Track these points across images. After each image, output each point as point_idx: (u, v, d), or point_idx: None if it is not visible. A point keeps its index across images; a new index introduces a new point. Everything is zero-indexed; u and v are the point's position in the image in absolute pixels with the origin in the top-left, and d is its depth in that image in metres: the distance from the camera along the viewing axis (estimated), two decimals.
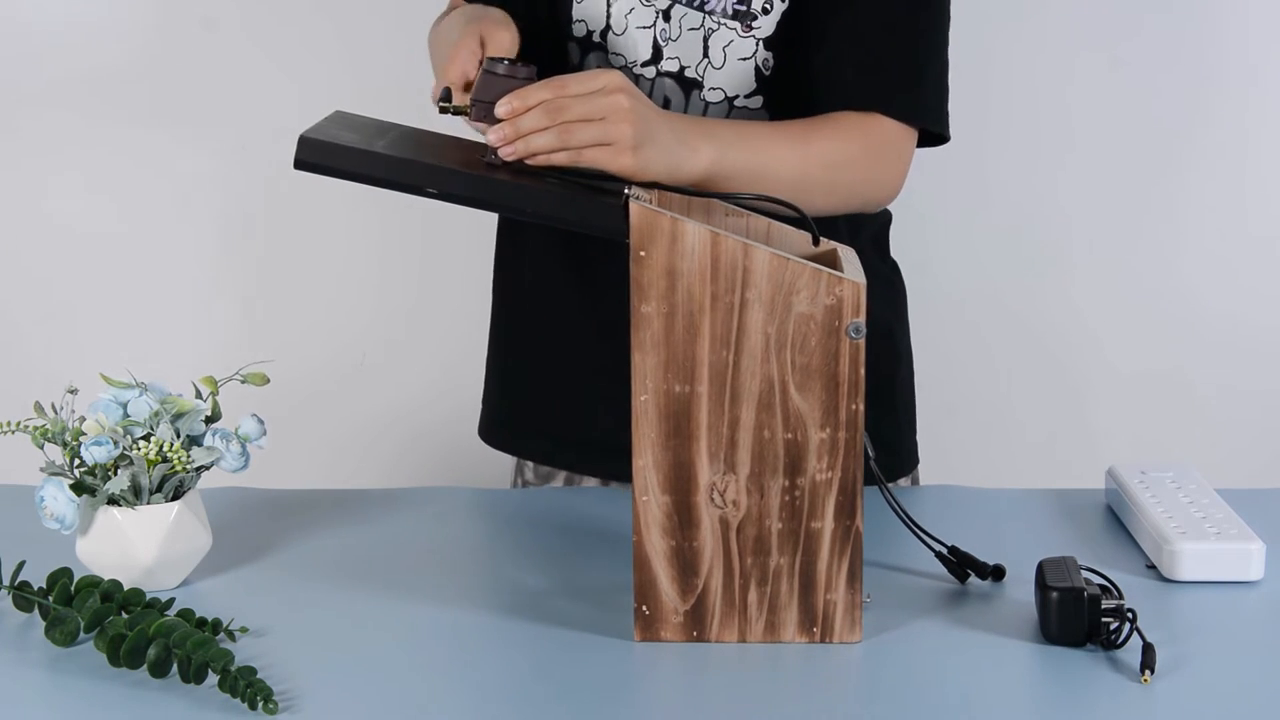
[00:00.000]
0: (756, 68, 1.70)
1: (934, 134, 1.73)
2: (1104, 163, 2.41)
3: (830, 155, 1.64)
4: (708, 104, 1.72)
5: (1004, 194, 2.42)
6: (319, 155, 1.41)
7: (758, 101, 1.72)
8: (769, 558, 1.39)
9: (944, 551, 1.54)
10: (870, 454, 1.43)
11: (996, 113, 2.38)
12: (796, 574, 1.39)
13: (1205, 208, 2.40)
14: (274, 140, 2.42)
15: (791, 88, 1.71)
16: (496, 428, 1.92)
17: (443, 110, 1.51)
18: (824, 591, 1.39)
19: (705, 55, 1.71)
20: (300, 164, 1.40)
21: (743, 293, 1.35)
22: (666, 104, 1.73)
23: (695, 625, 1.40)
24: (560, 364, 1.84)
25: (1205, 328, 2.43)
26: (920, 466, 1.94)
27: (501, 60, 1.47)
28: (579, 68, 1.74)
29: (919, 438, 1.93)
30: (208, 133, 2.45)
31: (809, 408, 1.36)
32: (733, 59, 1.70)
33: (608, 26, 1.73)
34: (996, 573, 1.53)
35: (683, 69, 1.72)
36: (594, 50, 1.74)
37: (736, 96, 1.71)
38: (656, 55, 1.72)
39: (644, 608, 1.40)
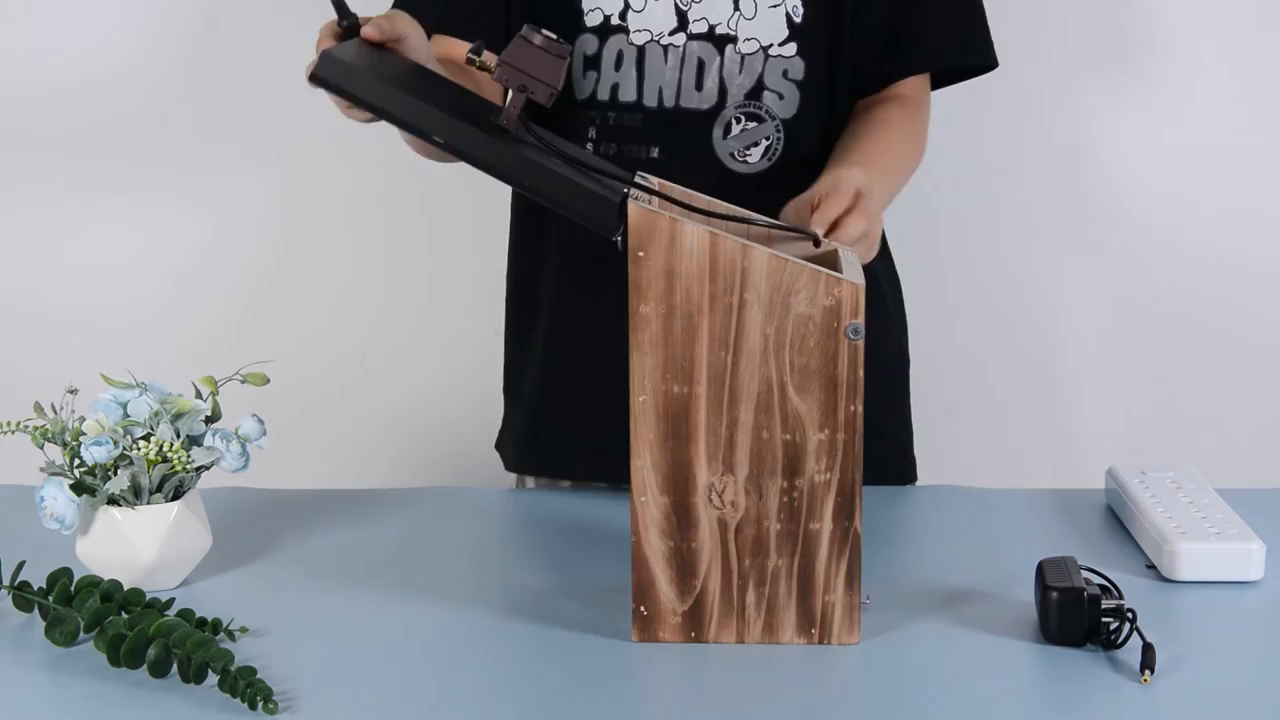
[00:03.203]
0: (787, 14, 1.74)
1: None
2: (1104, 162, 2.41)
3: (913, 155, 1.81)
4: (744, 56, 1.75)
5: (1004, 192, 2.42)
6: (337, 75, 1.38)
7: (791, 49, 1.75)
8: (767, 559, 1.39)
9: None
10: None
11: (995, 111, 2.38)
12: (795, 575, 1.39)
13: (1205, 207, 2.40)
14: (276, 139, 2.42)
15: (823, 34, 1.76)
16: (531, 455, 1.92)
17: (468, 63, 1.49)
18: (822, 593, 1.39)
19: (736, 9, 1.74)
20: (315, 79, 1.39)
21: (741, 293, 1.34)
22: (700, 66, 1.75)
23: (693, 626, 1.40)
24: (591, 391, 1.83)
25: (1206, 328, 2.43)
26: (920, 465, 1.94)
27: (540, 31, 1.45)
28: (596, 58, 1.75)
29: (917, 451, 1.94)
30: (210, 132, 2.44)
31: (807, 409, 1.36)
32: (764, 7, 1.74)
33: (627, 6, 1.74)
34: None
35: (712, 28, 1.74)
36: (613, 34, 1.75)
37: (770, 45, 1.75)
38: (682, 21, 1.75)
39: (642, 608, 1.40)
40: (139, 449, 1.48)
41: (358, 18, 1.51)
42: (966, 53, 1.84)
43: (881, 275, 1.88)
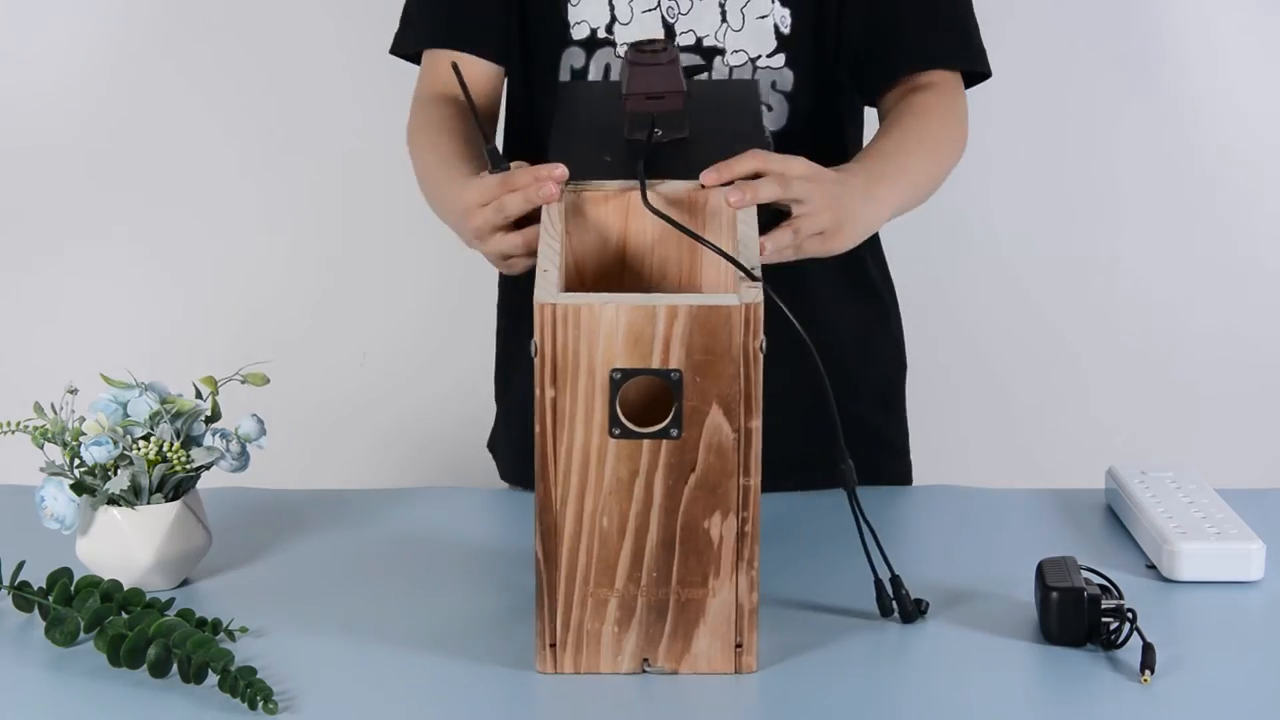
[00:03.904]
0: (775, 26, 1.73)
1: (978, 75, 1.80)
2: (1102, 163, 2.41)
3: (948, 142, 1.71)
4: (731, 68, 1.74)
5: (1004, 193, 2.42)
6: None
7: (779, 60, 1.74)
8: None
9: (883, 579, 1.45)
10: (849, 461, 1.41)
11: (994, 112, 2.38)
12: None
13: (1205, 209, 2.41)
14: (278, 142, 2.42)
15: (810, 45, 1.73)
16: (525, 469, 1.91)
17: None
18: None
19: (724, 20, 1.73)
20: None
21: None
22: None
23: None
24: None
25: (1205, 327, 2.43)
26: (918, 466, 1.94)
27: (645, 49, 1.44)
28: (583, 73, 1.75)
29: (916, 452, 1.93)
30: (212, 135, 2.45)
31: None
32: (751, 18, 1.73)
33: (613, 19, 1.73)
34: (919, 609, 1.45)
35: (700, 40, 1.73)
36: (600, 47, 1.74)
37: (759, 57, 1.74)
38: (670, 34, 1.74)
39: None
40: (139, 449, 1.48)
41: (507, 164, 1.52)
42: (956, 58, 1.77)
43: (877, 279, 1.88)
